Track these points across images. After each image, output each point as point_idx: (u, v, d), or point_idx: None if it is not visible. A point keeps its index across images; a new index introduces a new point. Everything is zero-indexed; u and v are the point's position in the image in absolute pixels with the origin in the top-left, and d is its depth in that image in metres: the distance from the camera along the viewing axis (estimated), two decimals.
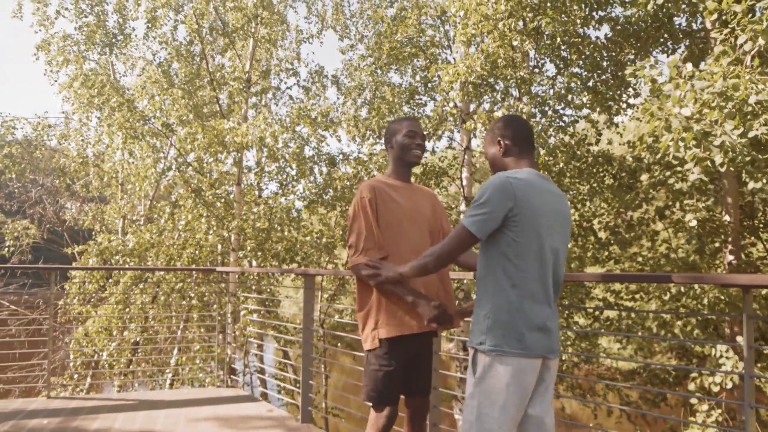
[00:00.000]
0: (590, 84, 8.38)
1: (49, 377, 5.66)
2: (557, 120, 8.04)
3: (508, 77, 7.15)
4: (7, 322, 10.05)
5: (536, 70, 8.48)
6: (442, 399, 3.84)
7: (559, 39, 7.81)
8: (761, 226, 8.74)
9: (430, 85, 9.75)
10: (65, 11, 9.95)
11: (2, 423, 4.53)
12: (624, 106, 8.62)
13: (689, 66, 5.12)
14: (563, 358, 9.14)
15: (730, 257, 7.90)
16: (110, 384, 10.37)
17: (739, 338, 7.34)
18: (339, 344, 11.87)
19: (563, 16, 7.91)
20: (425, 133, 9.93)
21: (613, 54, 8.74)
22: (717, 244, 8.37)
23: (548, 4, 7.58)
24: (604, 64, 8.67)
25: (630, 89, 8.68)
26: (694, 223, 7.28)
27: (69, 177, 10.18)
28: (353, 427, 8.77)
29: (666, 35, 8.92)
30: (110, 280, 9.73)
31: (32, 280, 11.65)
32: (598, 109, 8.16)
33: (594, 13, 8.50)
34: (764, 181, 5.14)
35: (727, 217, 7.85)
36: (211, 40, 10.34)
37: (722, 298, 7.22)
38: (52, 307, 5.67)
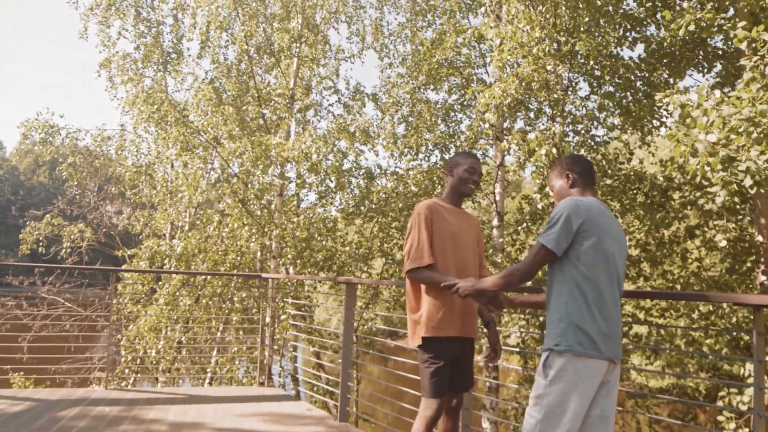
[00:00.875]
0: (623, 103, 8.56)
1: (108, 370, 6.17)
2: (589, 140, 8.25)
3: (542, 99, 7.45)
4: (62, 318, 10.76)
5: (569, 91, 8.72)
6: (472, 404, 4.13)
7: (592, 61, 8.03)
8: None
9: (465, 103, 10.11)
10: (125, 32, 10.72)
11: (70, 408, 5.04)
12: (657, 124, 8.75)
13: (717, 93, 5.32)
14: None
15: (763, 277, 7.92)
16: (153, 379, 10.93)
17: None
18: (370, 351, 12.21)
19: (597, 36, 8.14)
20: (461, 150, 10.28)
21: (646, 74, 8.89)
22: (749, 264, 8.39)
23: (581, 28, 7.84)
24: (638, 84, 8.84)
25: (663, 110, 8.80)
26: (723, 243, 7.38)
27: (124, 185, 10.90)
28: (384, 429, 9.05)
29: (701, 54, 9.01)
30: (160, 282, 10.34)
31: (88, 280, 12.39)
32: (629, 130, 8.34)
33: (628, 34, 8.69)
34: None
35: (759, 237, 7.89)
36: (258, 59, 10.94)
37: (752, 317, 7.26)
38: (111, 305, 6.20)
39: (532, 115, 9.05)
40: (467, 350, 2.95)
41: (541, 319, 8.10)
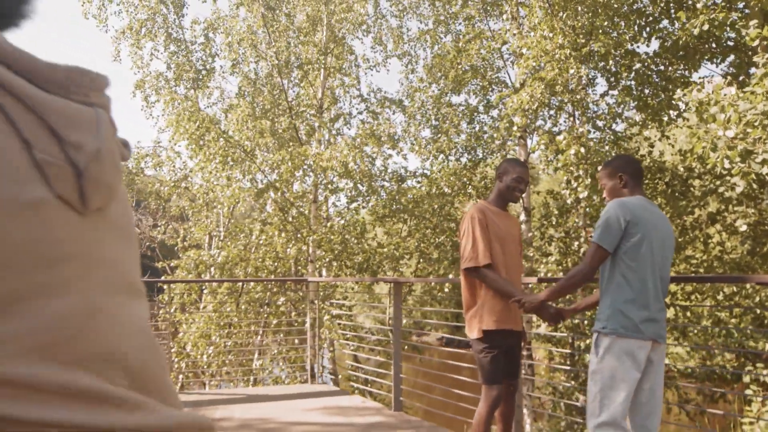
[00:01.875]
0: (641, 97, 8.87)
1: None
2: (611, 135, 8.62)
3: (566, 100, 7.84)
4: None
5: (588, 89, 9.06)
6: None
7: (611, 60, 8.38)
8: None
9: (488, 104, 10.55)
10: (157, 53, 11.29)
11: None
12: (674, 115, 9.04)
13: (732, 90, 5.69)
14: None
15: None
16: (200, 383, 11.43)
17: None
18: (405, 347, 12.67)
19: (613, 33, 8.47)
20: (487, 149, 10.72)
21: (662, 68, 9.19)
22: None
23: (600, 30, 8.20)
24: (654, 78, 9.14)
25: (680, 102, 9.08)
26: (744, 227, 7.72)
27: (163, 199, 11.47)
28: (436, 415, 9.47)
29: (714, 47, 9.30)
30: (205, 291, 10.87)
31: None
32: (649, 124, 8.67)
33: (643, 32, 9.00)
34: None
35: None
36: (287, 72, 11.44)
37: None
38: (156, 315, 6.55)
39: (553, 112, 9.44)
40: (517, 341, 3.25)
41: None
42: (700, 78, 9.27)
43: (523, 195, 3.47)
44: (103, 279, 0.51)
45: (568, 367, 7.52)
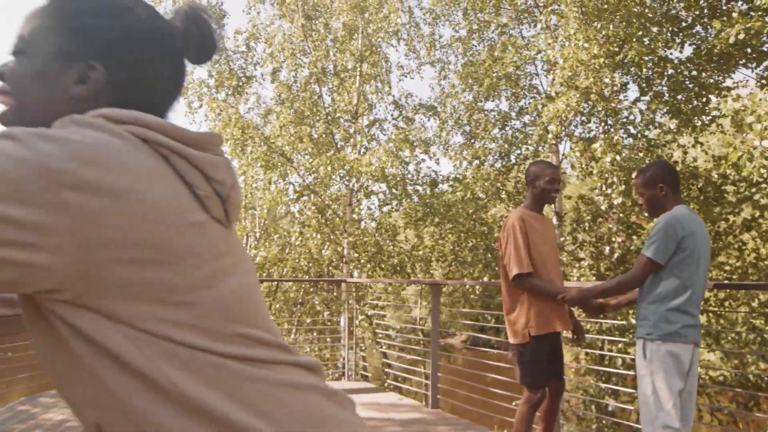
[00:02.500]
0: (674, 103, 8.88)
1: None
2: (645, 142, 8.68)
3: (600, 108, 7.96)
4: None
5: (620, 95, 9.13)
6: None
7: (645, 69, 8.44)
8: None
9: (521, 110, 10.72)
10: None
11: None
12: (707, 120, 9.00)
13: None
14: None
15: None
16: None
17: None
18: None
19: (646, 40, 8.51)
20: (520, 154, 10.88)
21: (695, 74, 9.17)
22: None
23: (633, 38, 8.27)
24: (687, 83, 9.12)
25: (715, 111, 9.03)
26: None
27: None
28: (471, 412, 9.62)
29: (749, 51, 9.23)
30: None
31: None
32: (684, 132, 8.69)
33: (676, 38, 9.01)
34: None
35: None
36: (325, 80, 11.80)
37: None
38: None
39: (584, 118, 9.54)
40: (559, 341, 3.29)
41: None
42: (734, 82, 9.21)
43: (555, 201, 3.60)
44: (252, 266, 0.81)
45: (600, 367, 7.61)
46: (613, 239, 8.43)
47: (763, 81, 8.57)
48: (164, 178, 0.69)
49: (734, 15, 7.20)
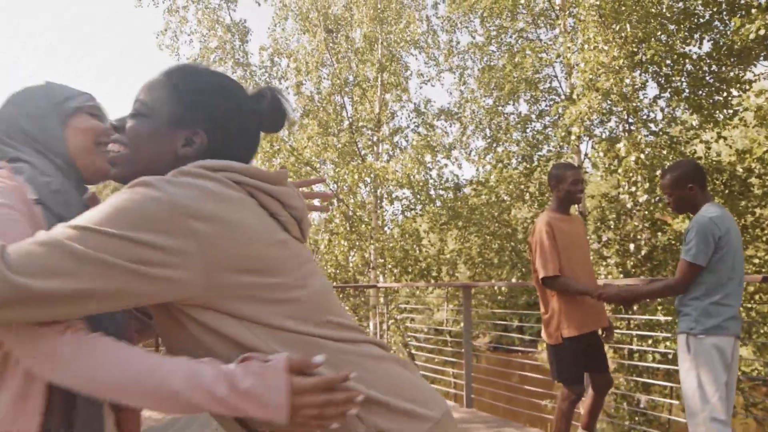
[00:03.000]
0: (694, 99, 8.90)
1: None
2: (667, 139, 8.73)
3: (620, 108, 8.06)
4: None
5: (639, 93, 9.19)
6: None
7: (664, 67, 8.50)
8: None
9: (541, 113, 10.86)
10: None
11: None
12: (729, 114, 9.00)
13: None
14: None
15: None
16: None
17: None
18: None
19: (664, 38, 8.57)
20: (543, 156, 11.00)
21: (714, 69, 9.19)
22: None
23: (651, 37, 8.36)
24: (707, 78, 9.14)
25: (737, 106, 9.00)
26: None
27: None
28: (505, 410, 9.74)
29: None
30: None
31: None
32: (706, 128, 8.71)
33: (694, 34, 9.05)
34: None
35: None
36: (347, 91, 12.10)
37: None
38: None
39: (604, 118, 9.62)
40: (597, 336, 3.33)
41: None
42: (754, 75, 9.18)
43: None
44: (318, 265, 1.10)
45: (633, 363, 7.67)
46: (639, 236, 8.49)
47: None
48: (253, 209, 0.93)
49: (753, 11, 7.25)
